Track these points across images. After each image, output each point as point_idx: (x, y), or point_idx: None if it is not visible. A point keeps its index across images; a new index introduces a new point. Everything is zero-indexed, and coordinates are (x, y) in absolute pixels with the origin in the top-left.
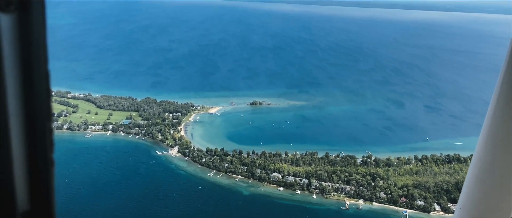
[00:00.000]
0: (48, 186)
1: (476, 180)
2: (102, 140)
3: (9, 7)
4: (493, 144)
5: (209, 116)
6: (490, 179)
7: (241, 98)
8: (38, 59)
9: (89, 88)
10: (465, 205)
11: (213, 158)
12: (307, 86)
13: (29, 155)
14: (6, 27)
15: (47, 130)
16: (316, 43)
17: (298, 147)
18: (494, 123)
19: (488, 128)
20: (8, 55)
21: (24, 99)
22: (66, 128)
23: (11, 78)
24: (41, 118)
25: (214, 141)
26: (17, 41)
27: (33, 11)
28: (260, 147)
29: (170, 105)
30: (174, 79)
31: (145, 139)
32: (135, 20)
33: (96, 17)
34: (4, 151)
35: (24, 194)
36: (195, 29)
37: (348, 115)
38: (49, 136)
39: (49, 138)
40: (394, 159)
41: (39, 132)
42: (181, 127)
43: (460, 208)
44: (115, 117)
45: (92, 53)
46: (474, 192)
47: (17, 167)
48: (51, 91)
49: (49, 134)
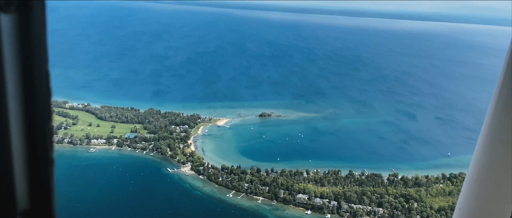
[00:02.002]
0: (48, 185)
1: (475, 181)
2: (107, 155)
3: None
4: (492, 145)
5: (218, 128)
6: (489, 179)
7: (248, 109)
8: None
9: (87, 98)
10: (464, 205)
11: (231, 176)
12: (312, 96)
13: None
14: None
15: (47, 130)
16: (314, 52)
17: (318, 164)
18: (493, 124)
19: (488, 128)
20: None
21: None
22: (67, 141)
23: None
24: (41, 117)
25: (228, 156)
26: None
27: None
28: (277, 163)
29: (176, 117)
30: (176, 88)
31: (154, 154)
32: (127, 26)
33: (87, 22)
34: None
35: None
36: (190, 36)
37: (361, 127)
38: (49, 135)
39: (49, 137)
40: (422, 178)
41: (39, 131)
42: (190, 141)
43: (459, 208)
44: (119, 129)
45: (87, 60)
46: (473, 192)
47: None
48: (51, 91)
49: (49, 133)
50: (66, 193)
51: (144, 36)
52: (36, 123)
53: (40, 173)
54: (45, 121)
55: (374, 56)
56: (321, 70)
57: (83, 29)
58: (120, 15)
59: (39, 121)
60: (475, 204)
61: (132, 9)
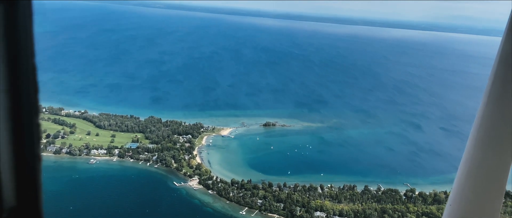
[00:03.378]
0: (35, 182)
1: (466, 177)
2: (108, 167)
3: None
4: (482, 143)
5: (222, 138)
6: (480, 176)
7: (251, 118)
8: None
9: (84, 104)
10: (455, 201)
11: (242, 191)
12: (315, 104)
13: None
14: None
15: (34, 125)
16: (310, 59)
17: (330, 178)
18: (484, 122)
19: (478, 127)
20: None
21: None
22: (65, 152)
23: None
24: (28, 113)
25: (236, 169)
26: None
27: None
28: (288, 177)
29: (178, 126)
30: (175, 95)
31: (158, 166)
32: (118, 29)
33: (77, 25)
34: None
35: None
36: (183, 41)
37: (368, 138)
38: (36, 131)
39: (36, 133)
40: (441, 194)
41: (26, 127)
42: (195, 152)
43: (450, 205)
44: (119, 139)
45: (80, 64)
46: (464, 189)
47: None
48: (38, 85)
49: (36, 129)
50: (67, 208)
51: (137, 41)
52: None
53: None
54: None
55: (370, 64)
56: (319, 77)
57: (74, 32)
58: (109, 19)
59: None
60: (466, 201)
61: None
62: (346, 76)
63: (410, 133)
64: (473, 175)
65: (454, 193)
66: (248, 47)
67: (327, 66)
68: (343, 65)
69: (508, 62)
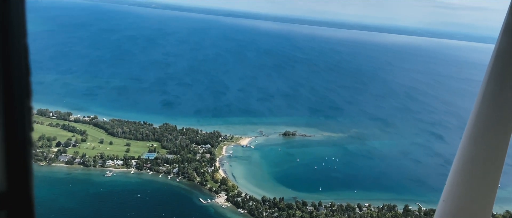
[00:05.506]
0: (26, 166)
1: (459, 174)
2: (126, 180)
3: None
4: (476, 140)
5: (242, 149)
6: (473, 173)
7: (268, 126)
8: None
9: (92, 109)
10: (449, 198)
11: (276, 211)
12: (329, 111)
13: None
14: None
15: (26, 108)
16: (315, 63)
17: (365, 195)
18: (478, 120)
19: (472, 125)
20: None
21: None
22: (78, 162)
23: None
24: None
25: (262, 184)
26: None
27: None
28: (320, 194)
29: (195, 135)
30: (185, 99)
31: (180, 179)
32: (117, 29)
33: (74, 24)
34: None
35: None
36: (185, 42)
37: (393, 150)
38: (27, 114)
39: (27, 117)
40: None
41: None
42: (217, 163)
43: (443, 200)
44: (134, 147)
45: (83, 65)
46: (458, 185)
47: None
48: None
49: (27, 112)
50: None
51: (138, 41)
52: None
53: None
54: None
55: (376, 70)
56: (328, 83)
57: (73, 31)
58: (106, 18)
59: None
60: (459, 197)
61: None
62: (354, 81)
63: (434, 144)
64: (467, 171)
65: (447, 189)
66: (250, 50)
67: (333, 71)
68: (349, 70)
69: (504, 60)
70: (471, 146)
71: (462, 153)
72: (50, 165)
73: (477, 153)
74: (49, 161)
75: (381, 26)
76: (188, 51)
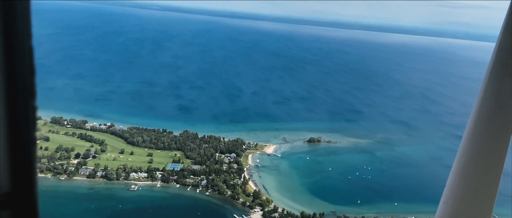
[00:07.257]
0: (30, 167)
1: (460, 176)
2: (153, 194)
3: None
4: (476, 142)
5: (268, 158)
6: (473, 174)
7: (291, 132)
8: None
9: (106, 115)
10: (449, 199)
11: None
12: (349, 115)
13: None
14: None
15: (30, 108)
16: (324, 65)
17: (406, 208)
18: (478, 121)
19: (473, 126)
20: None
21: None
22: (100, 175)
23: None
24: (24, 95)
25: (297, 197)
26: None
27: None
28: (360, 208)
29: (218, 143)
30: (201, 103)
31: (210, 193)
32: (122, 32)
33: (78, 27)
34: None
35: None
36: (192, 44)
37: (423, 156)
38: (32, 114)
39: (32, 116)
40: None
41: (22, 110)
42: (245, 174)
43: (444, 202)
44: (157, 158)
45: (93, 69)
46: (458, 187)
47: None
48: (34, 67)
49: (32, 112)
50: None
51: (145, 44)
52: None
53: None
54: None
55: (387, 71)
56: (342, 85)
57: (78, 34)
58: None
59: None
60: (459, 199)
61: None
62: (368, 83)
63: None
64: (466, 173)
65: (448, 191)
66: (257, 51)
67: (345, 72)
68: (360, 71)
69: (504, 58)
70: (471, 146)
71: (462, 153)
72: (71, 179)
73: (478, 153)
74: (69, 175)
75: (382, 26)
76: (196, 53)
